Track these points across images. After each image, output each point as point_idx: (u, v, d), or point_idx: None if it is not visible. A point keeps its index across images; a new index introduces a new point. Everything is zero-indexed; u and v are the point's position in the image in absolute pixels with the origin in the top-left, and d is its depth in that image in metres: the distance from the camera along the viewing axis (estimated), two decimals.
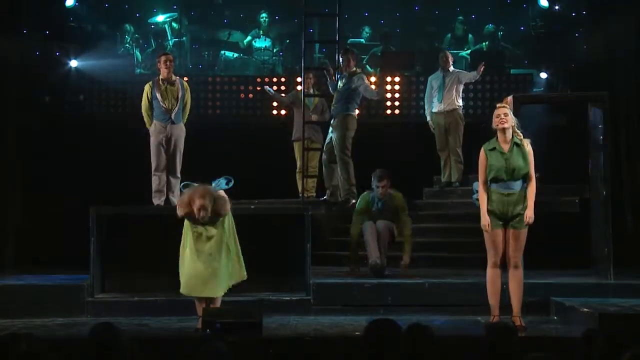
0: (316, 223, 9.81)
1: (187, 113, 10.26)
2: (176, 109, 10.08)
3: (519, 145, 7.57)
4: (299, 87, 11.80)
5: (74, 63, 12.80)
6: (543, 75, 13.09)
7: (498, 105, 7.80)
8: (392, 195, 9.71)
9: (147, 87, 10.25)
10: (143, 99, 10.23)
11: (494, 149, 7.59)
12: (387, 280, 9.13)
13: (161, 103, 10.09)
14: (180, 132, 10.05)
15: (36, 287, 8.86)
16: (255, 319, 7.30)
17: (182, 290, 7.57)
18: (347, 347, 6.96)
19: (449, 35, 14.65)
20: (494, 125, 7.64)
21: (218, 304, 7.64)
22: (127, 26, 14.32)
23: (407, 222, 9.65)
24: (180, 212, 7.46)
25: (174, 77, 10.24)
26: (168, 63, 10.24)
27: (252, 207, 8.68)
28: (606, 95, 9.24)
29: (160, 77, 10.23)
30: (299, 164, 11.43)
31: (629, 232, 10.78)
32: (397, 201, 9.72)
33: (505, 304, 7.70)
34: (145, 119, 10.19)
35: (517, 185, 7.56)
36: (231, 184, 7.73)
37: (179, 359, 6.42)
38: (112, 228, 8.94)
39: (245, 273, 7.69)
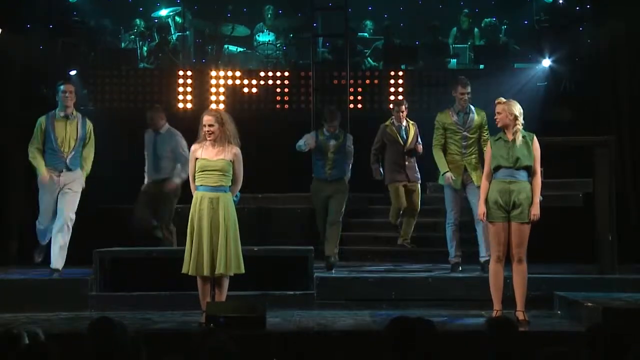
0: None
1: (90, 161, 9.01)
2: (72, 152, 8.87)
3: (524, 137, 7.61)
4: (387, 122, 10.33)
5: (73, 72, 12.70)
6: (546, 62, 12.99)
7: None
8: (476, 109, 9.36)
9: (41, 121, 8.94)
10: (34, 135, 8.92)
11: (499, 139, 7.68)
12: (390, 275, 9.14)
13: (54, 143, 8.81)
14: (75, 179, 8.86)
15: (40, 281, 8.86)
16: (259, 314, 7.31)
17: (189, 271, 7.57)
18: (351, 342, 6.98)
19: (455, 28, 14.63)
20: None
21: (224, 294, 7.65)
22: (137, 20, 14.32)
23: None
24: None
25: (74, 113, 8.96)
26: (68, 94, 8.88)
27: (256, 249, 8.71)
28: (613, 139, 9.31)
29: (58, 110, 8.95)
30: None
31: (633, 226, 10.77)
32: (482, 115, 9.29)
33: (509, 298, 7.70)
34: (36, 163, 8.86)
35: (521, 175, 7.58)
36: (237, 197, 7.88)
37: (182, 354, 6.43)
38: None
39: (243, 268, 7.71)
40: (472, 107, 9.34)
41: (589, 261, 9.28)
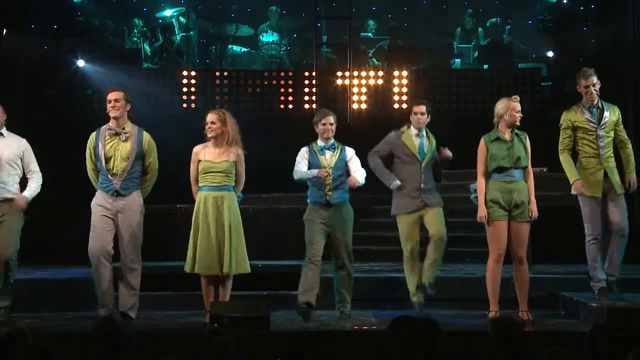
0: None
1: (151, 183, 7.70)
2: (124, 175, 7.47)
3: (519, 136, 7.61)
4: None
5: (80, 63, 12.73)
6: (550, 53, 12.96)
7: (514, 98, 7.66)
8: (610, 104, 8.11)
9: (92, 136, 7.63)
10: (87, 155, 7.68)
11: (497, 139, 7.62)
12: (394, 275, 9.13)
13: (104, 163, 7.47)
14: (131, 208, 7.51)
15: (45, 281, 8.89)
16: (263, 314, 7.32)
17: (195, 269, 7.61)
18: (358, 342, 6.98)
19: (459, 28, 14.64)
20: (509, 118, 7.58)
21: (228, 294, 7.67)
22: (136, 20, 14.33)
23: (627, 142, 8.15)
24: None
25: (127, 127, 7.54)
26: (112, 103, 7.45)
27: (260, 265, 8.72)
28: None
29: (109, 124, 7.56)
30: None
31: (638, 227, 10.74)
32: (617, 111, 8.13)
33: (510, 299, 7.70)
34: (94, 182, 7.74)
35: (518, 174, 7.61)
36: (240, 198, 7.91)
37: (186, 353, 6.43)
38: None
39: (248, 267, 7.75)
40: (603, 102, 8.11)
41: None
